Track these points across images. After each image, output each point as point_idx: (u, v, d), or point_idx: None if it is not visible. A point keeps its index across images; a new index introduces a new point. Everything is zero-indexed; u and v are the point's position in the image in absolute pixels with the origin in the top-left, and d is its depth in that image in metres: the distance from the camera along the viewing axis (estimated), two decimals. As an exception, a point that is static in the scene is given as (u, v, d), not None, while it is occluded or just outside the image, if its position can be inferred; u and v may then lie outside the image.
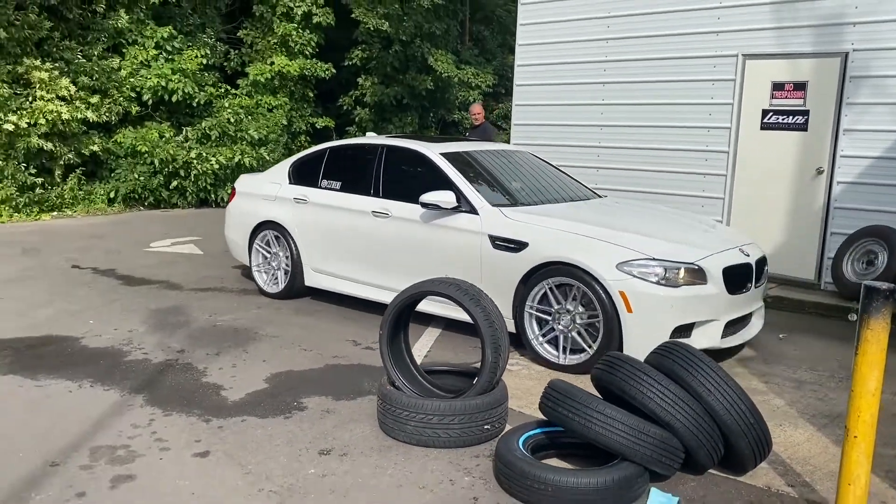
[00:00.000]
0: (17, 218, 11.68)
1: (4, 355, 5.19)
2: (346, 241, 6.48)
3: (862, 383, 2.98)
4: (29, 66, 12.33)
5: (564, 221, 5.41)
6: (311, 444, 3.88)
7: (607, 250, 5.03)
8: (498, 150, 6.90)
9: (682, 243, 5.25)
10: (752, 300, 5.48)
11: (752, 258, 5.41)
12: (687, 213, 6.53)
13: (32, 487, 3.37)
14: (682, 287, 4.91)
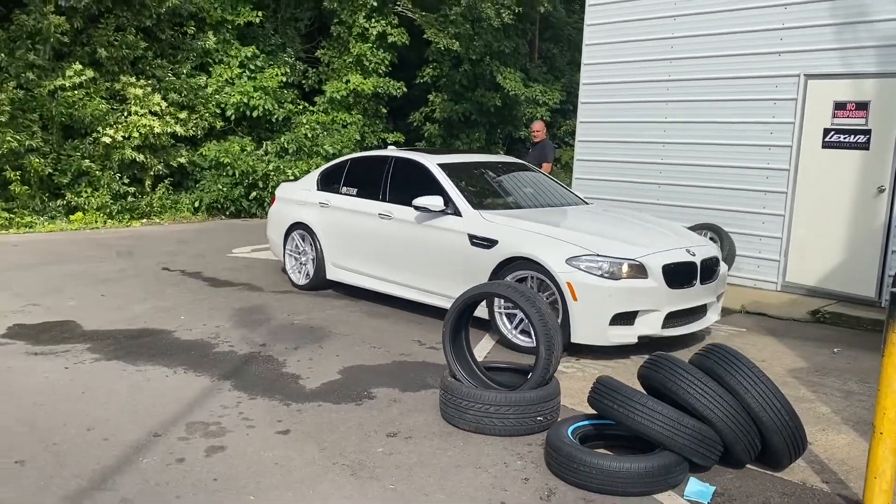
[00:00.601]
0: (110, 224, 12.58)
1: (108, 344, 5.80)
2: (359, 240, 7.36)
3: (888, 383, 3.21)
4: (125, 83, 13.29)
5: (530, 223, 6.22)
6: (380, 427, 4.30)
7: (560, 247, 5.80)
8: (495, 162, 8.06)
9: (629, 243, 5.95)
10: (701, 295, 6.06)
11: (697, 258, 5.99)
12: (657, 221, 7.12)
13: (140, 453, 3.88)
14: (622, 280, 5.60)
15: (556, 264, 5.68)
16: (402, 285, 6.99)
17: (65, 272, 8.47)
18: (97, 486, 3.51)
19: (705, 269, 6.05)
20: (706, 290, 6.12)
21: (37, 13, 12.43)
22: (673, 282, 5.76)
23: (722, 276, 6.46)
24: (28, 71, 12.40)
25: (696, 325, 6.10)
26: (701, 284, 6.02)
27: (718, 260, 6.35)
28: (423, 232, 6.72)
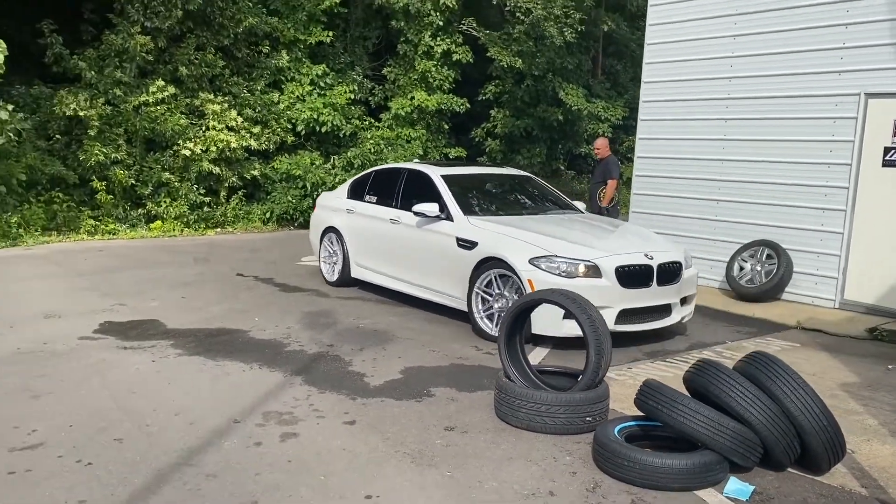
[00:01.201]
0: (187, 232, 13.30)
1: (189, 340, 6.29)
2: (376, 242, 8.20)
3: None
4: (204, 99, 14.05)
5: (507, 227, 6.90)
6: (438, 422, 4.62)
7: (525, 249, 6.48)
8: (498, 174, 8.93)
9: (588, 246, 6.55)
10: (659, 295, 6.57)
11: (654, 262, 6.52)
12: (633, 229, 7.72)
13: (222, 436, 4.29)
14: (577, 278, 6.23)
15: (521, 263, 6.38)
16: (408, 283, 7.75)
17: (147, 276, 9.08)
18: (185, 462, 3.92)
19: (664, 272, 6.58)
20: (666, 292, 6.63)
21: (124, 33, 13.29)
22: (627, 282, 6.35)
23: (688, 279, 6.94)
24: (115, 88, 13.25)
25: (657, 324, 6.66)
26: (658, 286, 6.54)
27: (680, 265, 6.79)
28: (423, 235, 7.51)
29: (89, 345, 6.06)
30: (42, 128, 13.21)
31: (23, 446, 4.04)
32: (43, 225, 12.08)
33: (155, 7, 13.39)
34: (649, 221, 9.83)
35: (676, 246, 7.21)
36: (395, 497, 3.63)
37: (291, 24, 15.64)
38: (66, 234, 12.23)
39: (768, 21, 8.60)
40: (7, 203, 11.62)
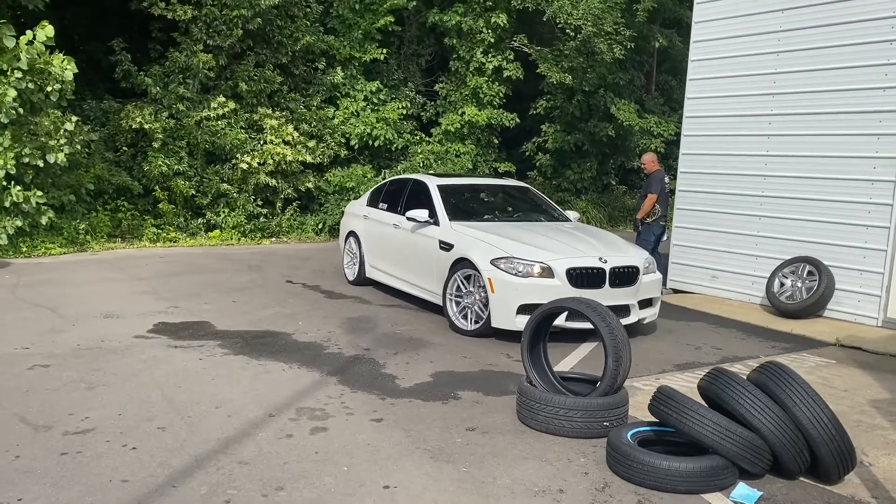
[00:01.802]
0: (243, 241, 13.83)
1: (236, 341, 6.64)
2: (383, 245, 9.02)
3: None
4: (262, 114, 14.63)
5: (481, 232, 7.57)
6: (461, 422, 4.83)
7: (489, 251, 7.14)
8: (494, 185, 9.79)
9: (546, 250, 7.13)
10: (611, 296, 6.99)
11: (607, 265, 7.06)
12: (601, 235, 8.14)
13: (257, 428, 4.58)
14: (531, 278, 6.85)
15: (483, 264, 7.06)
16: (405, 281, 8.53)
17: (202, 281, 9.54)
18: (221, 450, 4.23)
19: (617, 276, 7.11)
20: (620, 293, 7.14)
21: (188, 51, 13.96)
22: (578, 283, 6.92)
23: (649, 283, 7.43)
24: (179, 103, 13.92)
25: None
26: (611, 288, 7.07)
27: (637, 269, 7.29)
28: (415, 238, 8.30)
29: (142, 343, 6.47)
30: (110, 140, 13.95)
31: (76, 431, 4.40)
32: (109, 232, 12.74)
33: (217, 26, 14.03)
34: (692, 236, 9.87)
35: (638, 253, 7.70)
36: (411, 488, 3.85)
37: (347, 42, 16.15)
38: (130, 241, 12.87)
39: (812, 37, 8.58)
40: (76, 211, 12.31)
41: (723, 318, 8.56)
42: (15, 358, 5.85)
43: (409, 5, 16.73)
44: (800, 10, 8.70)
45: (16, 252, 10.93)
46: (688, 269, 9.98)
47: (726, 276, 9.53)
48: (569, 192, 19.22)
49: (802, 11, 8.68)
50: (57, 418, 4.59)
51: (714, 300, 9.46)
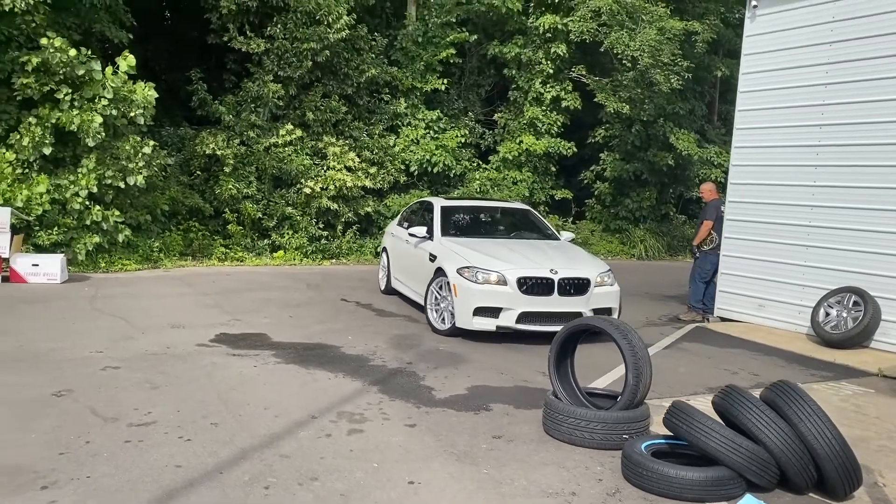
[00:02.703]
0: (305, 262, 14.46)
1: (289, 352, 7.12)
2: (400, 259, 10.14)
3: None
4: (327, 142, 15.33)
5: (460, 246, 8.60)
6: (489, 431, 5.14)
7: (457, 261, 8.21)
8: (495, 206, 11.08)
9: (504, 261, 8.08)
10: (561, 303, 7.89)
11: (556, 276, 7.88)
12: (566, 249, 9.08)
13: (299, 427, 5.00)
14: (488, 284, 7.84)
15: (451, 272, 8.10)
16: (410, 289, 9.53)
17: (264, 297, 10.12)
18: (265, 444, 4.65)
19: (566, 286, 7.93)
20: (570, 301, 7.96)
21: (260, 81, 14.79)
22: (528, 290, 7.82)
23: (603, 294, 8.17)
24: (249, 130, 14.74)
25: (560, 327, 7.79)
26: (560, 296, 7.89)
27: (588, 281, 8.05)
28: (416, 251, 9.40)
29: (204, 351, 7.00)
30: (186, 164, 14.86)
31: (139, 423, 4.90)
32: (180, 250, 13.53)
33: (288, 58, 14.84)
34: (740, 265, 9.94)
35: (595, 267, 8.41)
36: (434, 484, 4.19)
37: (410, 74, 16.77)
38: (200, 259, 13.64)
39: (860, 70, 8.66)
40: (151, 230, 13.15)
41: (766, 346, 8.62)
42: (90, 360, 6.45)
43: (469, 38, 17.29)
44: (848, 42, 8.80)
45: (94, 267, 11.76)
46: (735, 297, 10.04)
47: (773, 306, 9.56)
48: (627, 221, 19.31)
49: (850, 44, 8.77)
50: (123, 412, 5.10)
51: (760, 329, 9.49)
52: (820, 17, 9.08)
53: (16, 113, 11.76)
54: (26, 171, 11.57)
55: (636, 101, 17.57)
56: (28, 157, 11.45)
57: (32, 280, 10.29)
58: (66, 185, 11.59)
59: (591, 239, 18.73)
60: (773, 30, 9.61)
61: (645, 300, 11.88)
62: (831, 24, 8.95)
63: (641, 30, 16.06)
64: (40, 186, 11.35)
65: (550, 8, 17.65)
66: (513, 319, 7.80)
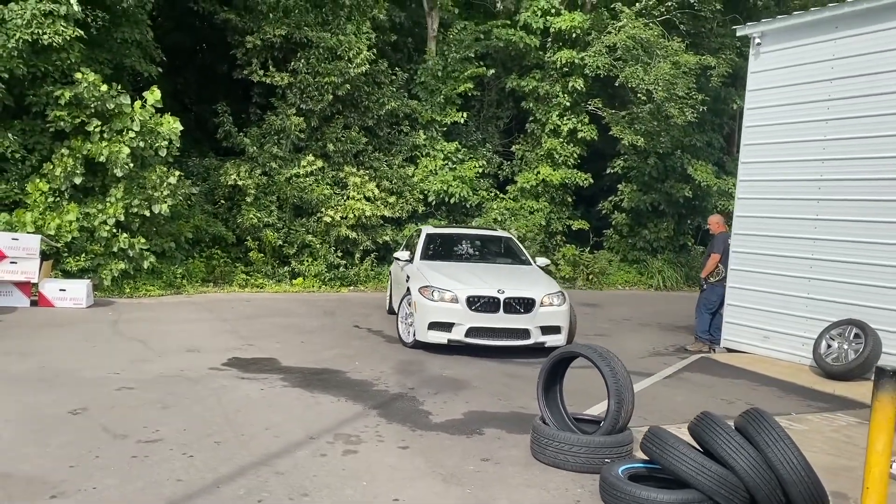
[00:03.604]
0: (324, 289, 14.82)
1: (296, 376, 7.41)
2: (394, 281, 11.05)
3: (872, 445, 3.76)
4: (347, 172, 15.75)
5: (427, 268, 9.58)
6: (478, 453, 5.36)
7: (421, 281, 9.11)
8: (477, 234, 11.89)
9: (459, 282, 9.00)
10: (507, 320, 8.73)
11: (502, 296, 8.73)
12: (523, 272, 9.98)
13: (297, 447, 5.26)
14: (442, 302, 8.73)
15: (414, 291, 9.03)
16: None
17: (279, 323, 10.45)
18: (262, 461, 4.92)
19: (511, 305, 8.73)
20: (515, 319, 8.76)
21: (283, 114, 15.30)
22: (476, 308, 8.67)
23: (551, 313, 8.90)
24: (272, 161, 15.22)
25: (510, 342, 8.82)
26: (506, 314, 8.70)
27: (533, 301, 8.81)
28: (401, 274, 10.23)
29: (215, 374, 7.32)
30: (210, 193, 15.36)
31: (146, 440, 5.21)
32: (203, 277, 13.96)
33: (310, 92, 15.35)
34: (745, 296, 10.06)
35: (547, 288, 9.18)
36: (417, 502, 4.42)
37: (429, 106, 17.20)
38: (222, 285, 14.05)
39: (860, 106, 8.83)
40: (175, 257, 13.61)
41: (767, 377, 8.72)
42: (106, 380, 6.80)
43: (487, 73, 17.71)
44: (847, 79, 8.99)
45: (119, 292, 12.21)
46: (741, 328, 10.15)
47: (777, 337, 9.66)
48: (644, 251, 19.43)
49: (850, 81, 8.96)
50: (133, 429, 5.42)
51: (764, 360, 9.59)
52: (821, 55, 9.28)
53: (49, 144, 12.34)
54: (57, 200, 12.10)
55: (652, 134, 17.79)
56: (59, 186, 11.99)
57: (59, 304, 10.75)
58: (95, 214, 12.09)
59: (609, 269, 18.87)
60: (777, 66, 9.83)
61: (655, 330, 12.01)
62: (831, 62, 9.15)
63: (656, 64, 16.34)
64: (70, 215, 11.87)
65: (567, 43, 18.01)
66: (462, 333, 8.68)
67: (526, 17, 17.93)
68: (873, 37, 8.80)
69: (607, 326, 12.11)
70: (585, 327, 11.69)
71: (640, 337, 11.27)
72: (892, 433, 3.78)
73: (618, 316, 13.44)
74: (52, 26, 11.22)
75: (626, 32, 16.59)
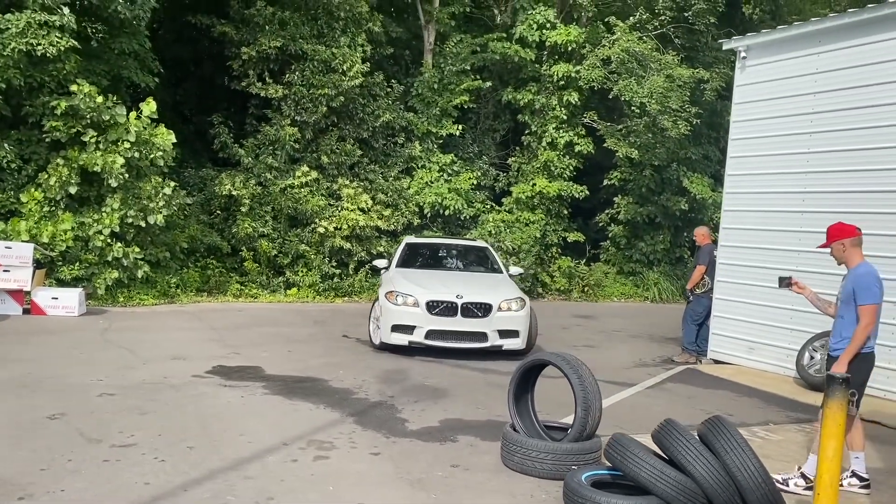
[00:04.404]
0: (318, 299, 14.89)
1: (278, 384, 7.47)
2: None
3: (823, 451, 3.81)
4: (341, 184, 15.86)
5: (398, 275, 10.14)
6: (448, 460, 5.41)
7: (389, 287, 9.64)
8: (454, 244, 12.10)
9: (423, 287, 9.48)
10: (464, 324, 9.18)
11: (460, 301, 9.20)
12: (489, 280, 10.40)
13: (269, 453, 5.33)
14: (403, 306, 9.23)
15: (382, 295, 9.54)
16: None
17: (268, 332, 10.53)
18: (232, 466, 4.99)
19: (469, 309, 9.20)
20: (472, 322, 9.21)
21: (277, 125, 15.44)
22: (435, 312, 9.15)
23: (506, 317, 9.29)
24: (267, 172, 15.35)
25: (469, 345, 9.25)
26: (463, 318, 9.17)
27: (490, 306, 9.26)
28: (381, 278, 10.81)
29: (198, 381, 7.39)
30: (206, 204, 15.48)
31: (121, 444, 5.29)
32: (197, 287, 14.05)
33: (304, 104, 15.49)
34: (731, 308, 10.10)
35: (507, 294, 9.57)
36: (380, 506, 4.48)
37: (425, 119, 17.32)
38: (216, 295, 14.14)
39: (842, 119, 8.90)
40: (170, 267, 13.72)
41: (750, 388, 8.74)
42: (89, 386, 6.88)
43: (483, 86, 17.84)
44: (831, 93, 9.06)
45: (113, 301, 12.31)
46: (727, 339, 10.18)
47: (763, 348, 9.69)
48: (641, 264, 19.45)
49: (833, 94, 9.03)
50: (108, 434, 5.49)
51: (750, 372, 9.62)
52: (805, 69, 9.36)
53: (45, 154, 12.48)
54: (53, 210, 12.23)
55: (647, 147, 17.87)
56: (55, 195, 12.12)
57: (52, 312, 10.85)
58: (90, 223, 12.21)
59: (605, 281, 18.92)
60: (762, 80, 9.91)
61: (645, 341, 12.05)
62: (815, 76, 9.23)
63: (650, 77, 16.45)
64: (64, 224, 11.99)
65: (564, 56, 18.13)
66: (422, 336, 9.15)
67: (522, 31, 18.07)
68: (857, 51, 8.88)
69: (597, 337, 12.15)
70: (574, 338, 11.77)
71: (628, 348, 11.31)
72: (843, 440, 3.83)
73: (609, 327, 13.47)
74: (46, 37, 11.37)
75: (619, 45, 16.71)
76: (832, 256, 5.57)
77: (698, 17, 18.01)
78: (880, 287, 5.22)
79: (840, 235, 5.43)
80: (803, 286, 5.78)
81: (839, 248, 5.44)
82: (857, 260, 5.38)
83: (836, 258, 5.51)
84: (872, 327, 5.21)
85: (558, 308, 15.99)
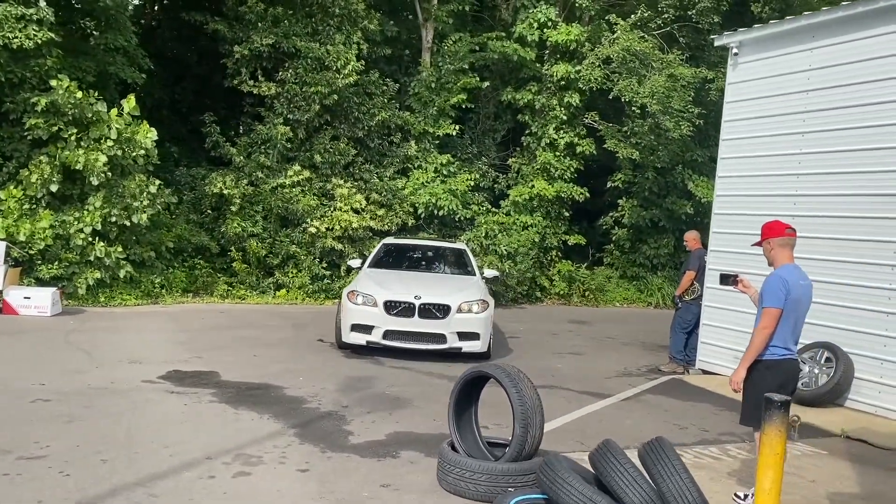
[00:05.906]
0: (307, 301, 14.58)
1: (229, 391, 7.15)
2: None
3: (759, 483, 3.40)
4: (335, 184, 15.54)
5: (364, 275, 10.11)
6: (380, 479, 5.05)
7: (354, 287, 9.62)
8: (433, 245, 11.94)
9: (384, 287, 9.42)
10: (421, 325, 9.10)
11: (417, 301, 9.11)
12: (456, 282, 10.19)
13: (187, 468, 5.00)
14: (363, 306, 9.21)
15: (345, 295, 9.54)
16: None
17: (240, 336, 10.22)
18: (141, 482, 4.66)
19: (426, 310, 9.11)
20: (430, 323, 9.11)
21: (270, 124, 15.17)
22: (393, 312, 9.10)
23: (465, 319, 9.19)
24: (259, 171, 15.07)
25: (427, 346, 9.16)
26: (420, 318, 9.08)
27: (448, 307, 9.15)
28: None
29: (145, 387, 7.09)
30: (197, 203, 15.23)
31: (29, 456, 4.98)
32: (184, 287, 13.79)
33: (297, 102, 15.20)
34: (720, 316, 9.65)
35: (469, 296, 9.44)
36: (286, 531, 4.12)
37: (422, 118, 16.95)
38: (203, 296, 13.88)
39: (834, 119, 8.42)
40: (155, 266, 13.47)
41: (734, 401, 8.13)
42: (25, 392, 6.60)
43: (482, 85, 17.45)
44: (824, 90, 8.58)
45: (94, 301, 12.08)
46: (716, 349, 9.72)
47: (752, 359, 9.20)
48: (644, 268, 18.93)
49: (827, 92, 8.55)
50: (21, 445, 5.19)
51: (737, 383, 9.13)
52: (797, 66, 8.89)
53: (27, 151, 12.30)
54: (34, 207, 12.04)
55: (649, 149, 17.38)
56: (35, 193, 11.93)
57: (24, 312, 10.63)
58: (71, 222, 12.00)
59: (608, 286, 18.42)
60: (754, 77, 9.44)
61: (636, 349, 11.60)
62: (808, 73, 8.75)
63: (651, 77, 15.96)
64: (43, 222, 11.78)
65: (565, 56, 17.69)
66: (380, 336, 9.12)
67: (521, 30, 17.65)
68: (853, 45, 8.39)
69: (586, 344, 11.71)
70: (561, 345, 11.36)
71: (616, 356, 10.87)
72: (781, 470, 3.42)
73: (602, 334, 13.02)
74: (23, 31, 11.17)
75: (619, 44, 16.23)
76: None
77: (702, 16, 17.46)
78: (788, 293, 4.81)
79: (768, 234, 5.05)
80: (748, 285, 5.33)
81: (767, 248, 5.10)
82: (782, 262, 5.02)
83: (766, 257, 5.11)
84: (770, 330, 4.92)
85: (554, 313, 15.56)
